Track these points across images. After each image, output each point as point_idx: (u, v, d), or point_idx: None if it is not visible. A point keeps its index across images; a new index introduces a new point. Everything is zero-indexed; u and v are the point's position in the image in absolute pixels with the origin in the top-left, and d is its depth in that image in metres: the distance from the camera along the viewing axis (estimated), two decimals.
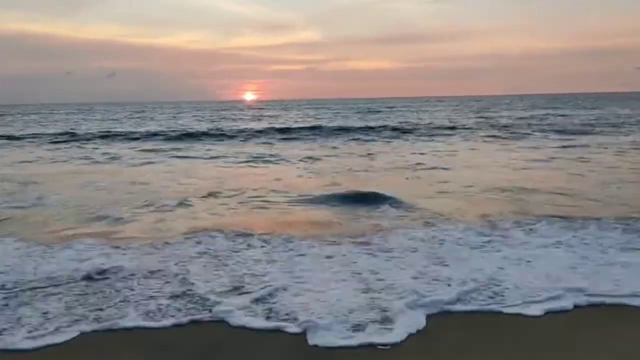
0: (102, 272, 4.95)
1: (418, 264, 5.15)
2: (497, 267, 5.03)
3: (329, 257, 5.41)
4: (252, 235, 6.23)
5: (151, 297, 4.38)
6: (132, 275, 4.90)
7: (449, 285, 4.57)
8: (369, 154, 15.99)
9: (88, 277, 4.81)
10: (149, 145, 20.46)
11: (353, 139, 21.48)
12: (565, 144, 17.98)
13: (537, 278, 4.73)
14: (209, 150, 18.46)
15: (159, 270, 5.02)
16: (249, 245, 5.84)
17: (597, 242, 5.82)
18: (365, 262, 5.24)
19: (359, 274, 4.91)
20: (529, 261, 5.18)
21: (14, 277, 4.87)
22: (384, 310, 4.08)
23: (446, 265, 5.14)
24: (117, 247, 5.79)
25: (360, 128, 26.19)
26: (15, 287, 4.62)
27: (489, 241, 5.92)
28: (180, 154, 17.10)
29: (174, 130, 27.23)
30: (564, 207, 7.65)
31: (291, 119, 38.61)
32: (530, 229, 6.40)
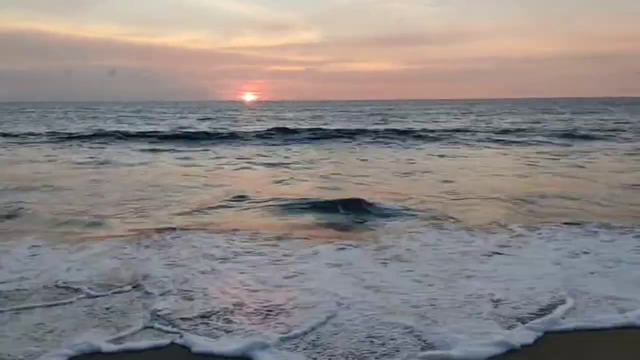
0: (103, 284, 4.66)
1: (439, 276, 4.76)
2: (529, 279, 4.66)
3: (337, 264, 5.16)
4: (254, 240, 6.06)
5: (156, 314, 4.04)
6: (126, 287, 4.61)
7: (489, 305, 4.05)
8: (372, 158, 15.79)
9: (87, 295, 4.45)
10: (148, 145, 20.26)
11: (354, 142, 21.29)
12: (570, 149, 17.85)
13: (589, 293, 4.39)
14: (206, 150, 18.27)
15: (155, 282, 4.72)
16: (250, 251, 5.63)
17: (617, 248, 5.62)
18: (380, 273, 4.92)
19: (375, 287, 4.52)
20: (547, 272, 4.92)
21: (14, 285, 4.61)
22: (415, 344, 3.48)
23: (472, 276, 4.76)
24: (123, 252, 5.60)
25: (361, 131, 25.99)
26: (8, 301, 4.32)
27: (507, 248, 5.70)
28: (180, 155, 16.91)
29: (174, 130, 27.05)
30: (575, 213, 7.52)
31: (291, 121, 38.43)
32: (541, 235, 6.25)
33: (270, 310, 4.07)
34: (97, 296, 4.39)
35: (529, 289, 4.47)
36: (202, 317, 3.97)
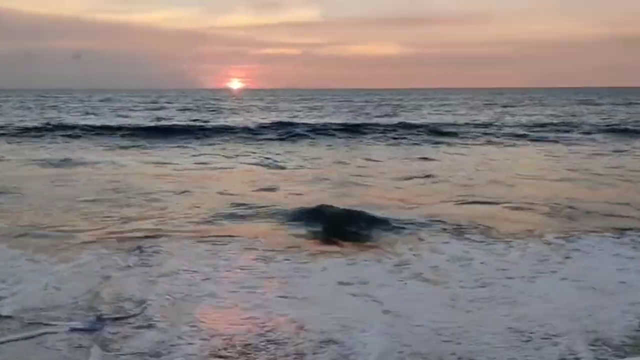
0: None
1: (476, 301, 4.53)
2: (595, 305, 4.40)
3: (348, 283, 5.09)
4: (248, 253, 6.07)
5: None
6: (108, 313, 4.47)
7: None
8: (382, 158, 15.78)
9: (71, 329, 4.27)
10: (119, 140, 20.27)
11: (360, 139, 21.29)
12: (612, 146, 17.89)
13: None
14: (187, 147, 18.28)
15: (139, 307, 4.60)
16: (244, 267, 5.62)
17: None
18: (401, 294, 4.80)
19: (397, 314, 4.34)
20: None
21: None
22: None
23: (518, 300, 4.55)
24: (104, 266, 5.58)
25: (367, 125, 26.01)
26: None
27: (546, 263, 5.68)
28: (156, 152, 16.94)
29: (149, 123, 27.02)
30: (619, 221, 7.57)
31: (286, 113, 38.44)
32: (584, 247, 6.27)
33: (276, 348, 3.87)
34: (76, 329, 4.23)
35: (595, 317, 4.23)
36: (193, 355, 3.83)
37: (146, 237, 6.70)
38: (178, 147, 18.33)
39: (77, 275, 5.30)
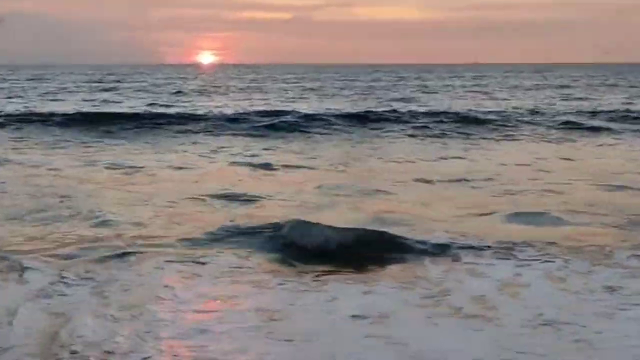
0: None
1: (539, 347, 4.50)
2: None
3: (362, 317, 5.10)
4: (233, 277, 6.15)
5: None
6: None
7: None
8: (400, 158, 15.82)
9: None
10: (57, 131, 20.28)
11: (370, 131, 21.35)
12: None
13: None
14: (142, 141, 18.44)
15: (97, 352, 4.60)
16: (230, 296, 5.70)
17: None
18: (434, 335, 4.83)
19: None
20: None
21: None
22: None
23: (592, 347, 4.45)
24: (57, 293, 5.68)
25: (377, 112, 26.07)
26: None
27: (623, 292, 5.70)
28: (102, 148, 17.00)
29: (91, 110, 27.01)
30: None
31: (272, 95, 38.51)
32: None
33: None
34: None
35: None
36: None
37: (105, 258, 6.77)
38: (131, 140, 18.43)
39: (29, 309, 5.33)
